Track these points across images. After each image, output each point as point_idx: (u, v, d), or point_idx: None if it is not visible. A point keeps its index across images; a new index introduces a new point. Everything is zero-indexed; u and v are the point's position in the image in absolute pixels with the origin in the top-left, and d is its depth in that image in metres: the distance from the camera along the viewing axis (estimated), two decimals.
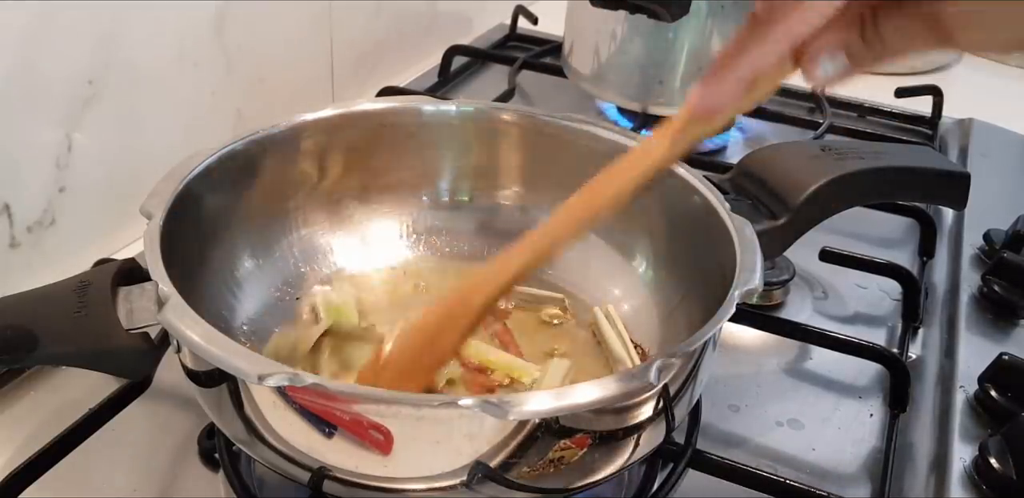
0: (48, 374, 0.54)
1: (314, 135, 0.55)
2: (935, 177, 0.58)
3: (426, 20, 0.99)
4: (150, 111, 0.65)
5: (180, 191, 0.46)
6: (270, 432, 0.39)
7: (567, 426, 0.37)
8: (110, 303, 0.40)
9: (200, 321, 0.37)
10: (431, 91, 0.89)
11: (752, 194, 0.54)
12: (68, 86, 0.59)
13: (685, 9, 0.74)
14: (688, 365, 0.41)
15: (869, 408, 0.57)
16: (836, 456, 0.53)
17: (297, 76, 0.80)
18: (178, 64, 0.66)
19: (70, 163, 0.60)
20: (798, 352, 0.61)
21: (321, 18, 0.81)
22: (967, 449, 0.52)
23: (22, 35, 0.54)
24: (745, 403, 0.56)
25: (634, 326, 0.54)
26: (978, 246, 0.72)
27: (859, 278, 0.68)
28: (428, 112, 0.57)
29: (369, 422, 0.36)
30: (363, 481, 0.39)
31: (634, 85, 0.81)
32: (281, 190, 0.55)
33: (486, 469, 0.37)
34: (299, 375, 0.34)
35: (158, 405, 0.52)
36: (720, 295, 0.42)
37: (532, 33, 1.05)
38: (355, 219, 0.58)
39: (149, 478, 0.48)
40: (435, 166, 0.59)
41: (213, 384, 0.40)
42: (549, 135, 0.57)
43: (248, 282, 0.53)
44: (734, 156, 0.85)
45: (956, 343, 0.61)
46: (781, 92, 0.90)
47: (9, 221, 0.57)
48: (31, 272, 0.59)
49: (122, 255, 0.63)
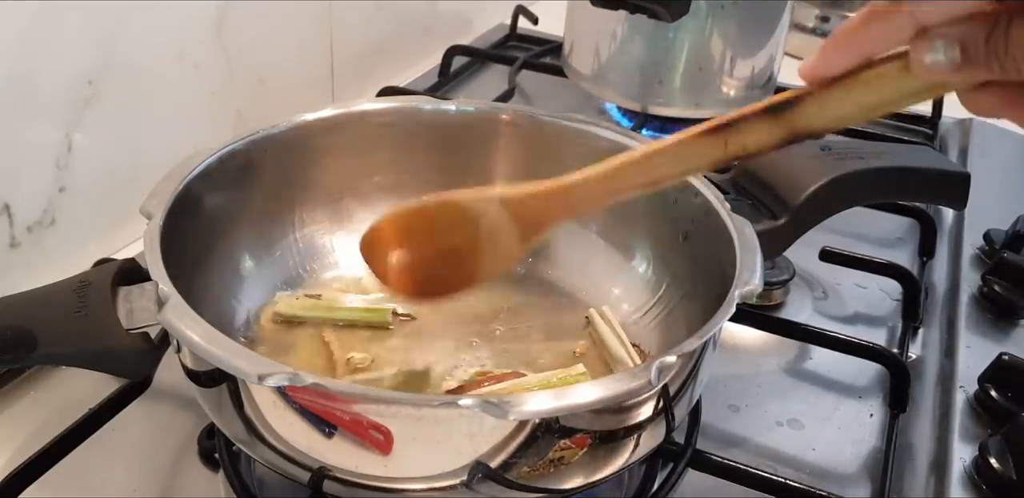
0: (48, 374, 0.54)
1: (314, 135, 0.55)
2: (935, 177, 0.58)
3: (426, 20, 0.99)
4: (150, 111, 0.65)
5: (180, 191, 0.46)
6: (270, 432, 0.39)
7: (567, 426, 0.37)
8: (110, 303, 0.40)
9: (200, 321, 0.37)
10: (431, 91, 0.89)
11: (752, 194, 0.54)
12: (68, 86, 0.59)
13: (685, 9, 0.74)
14: (688, 365, 0.41)
15: (869, 408, 0.57)
16: (836, 456, 0.53)
17: (297, 76, 0.80)
18: (178, 64, 0.66)
19: (70, 163, 0.60)
20: (798, 352, 0.61)
21: (321, 18, 0.81)
22: (967, 449, 0.52)
23: (22, 35, 0.54)
24: (745, 403, 0.56)
25: (634, 326, 0.54)
26: (978, 246, 0.72)
27: (859, 278, 0.68)
28: (428, 112, 0.57)
29: (369, 422, 0.36)
30: (363, 481, 0.39)
31: (634, 85, 0.81)
32: (281, 190, 0.55)
33: (486, 469, 0.37)
34: (299, 375, 0.34)
35: (158, 405, 0.52)
36: (720, 295, 0.42)
37: (532, 33, 1.05)
38: (355, 219, 0.58)
39: (149, 478, 0.48)
40: (435, 166, 0.59)
41: (213, 384, 0.40)
42: (549, 135, 0.57)
43: (248, 282, 0.53)
44: None
45: (956, 343, 0.61)
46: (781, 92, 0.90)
47: (9, 221, 0.57)
48: (31, 272, 0.59)
49: (122, 255, 0.63)
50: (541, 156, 0.58)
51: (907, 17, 0.30)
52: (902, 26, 0.31)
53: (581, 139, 0.56)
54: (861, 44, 0.32)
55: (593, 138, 0.56)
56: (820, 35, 1.07)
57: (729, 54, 0.79)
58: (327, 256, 0.57)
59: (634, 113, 0.84)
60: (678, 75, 0.79)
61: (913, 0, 0.30)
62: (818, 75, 0.33)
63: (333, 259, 0.58)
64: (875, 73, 0.32)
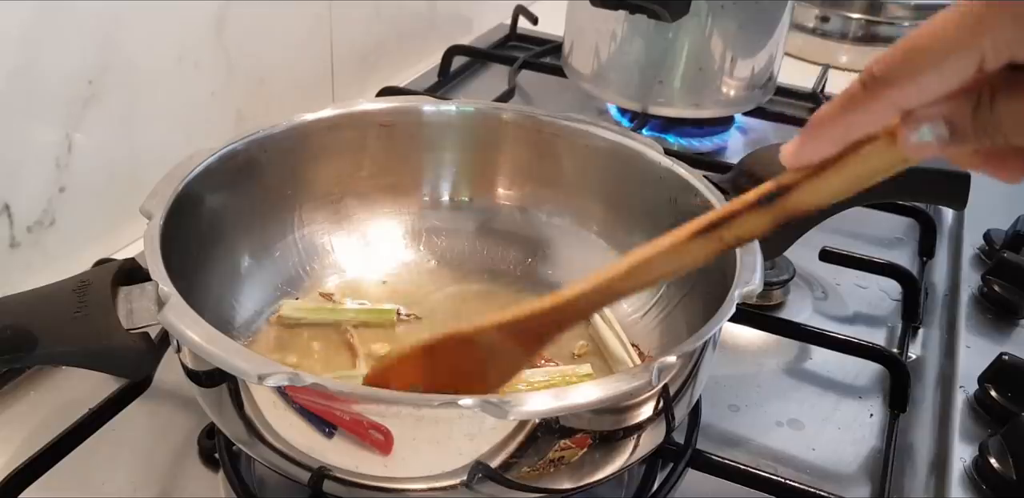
0: (48, 374, 0.54)
1: (314, 135, 0.55)
2: (935, 177, 0.58)
3: (426, 20, 0.99)
4: (150, 111, 0.65)
5: (180, 191, 0.46)
6: (270, 432, 0.39)
7: (567, 426, 0.37)
8: (110, 303, 0.40)
9: (200, 321, 0.37)
10: (431, 91, 0.89)
11: None
12: (68, 86, 0.59)
13: (685, 9, 0.74)
14: (688, 365, 0.41)
15: (869, 408, 0.57)
16: (836, 456, 0.53)
17: (297, 76, 0.80)
18: (178, 64, 0.66)
19: (70, 163, 0.60)
20: (798, 352, 0.61)
21: (321, 18, 0.81)
22: (967, 449, 0.52)
23: (22, 35, 0.54)
24: (745, 403, 0.56)
25: (634, 326, 0.54)
26: (978, 246, 0.72)
27: (859, 278, 0.68)
28: (428, 112, 0.57)
29: (369, 422, 0.36)
30: (363, 481, 0.39)
31: (634, 85, 0.81)
32: (281, 190, 0.55)
33: (486, 469, 0.37)
34: (299, 375, 0.34)
35: (158, 405, 0.52)
36: (720, 295, 0.42)
37: (532, 33, 1.05)
38: (355, 219, 0.58)
39: (149, 478, 0.48)
40: (435, 166, 0.59)
41: (213, 384, 0.40)
42: (549, 135, 0.57)
43: (248, 282, 0.53)
44: (734, 156, 0.85)
45: (956, 343, 0.61)
46: (781, 92, 0.90)
47: (9, 221, 0.57)
48: (31, 272, 0.59)
49: (122, 255, 0.63)
50: (541, 156, 0.58)
51: (886, 102, 0.30)
52: (883, 111, 0.30)
53: (581, 139, 0.56)
54: (841, 131, 0.31)
55: (593, 138, 0.56)
56: (820, 35, 1.07)
57: (729, 54, 0.79)
58: (327, 256, 0.57)
59: (634, 113, 0.84)
60: (678, 75, 0.79)
61: (890, 88, 0.29)
62: (801, 162, 0.33)
63: (333, 259, 0.58)
64: (862, 155, 0.32)
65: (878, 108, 0.30)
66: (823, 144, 0.32)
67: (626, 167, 0.55)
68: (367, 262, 0.58)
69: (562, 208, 0.59)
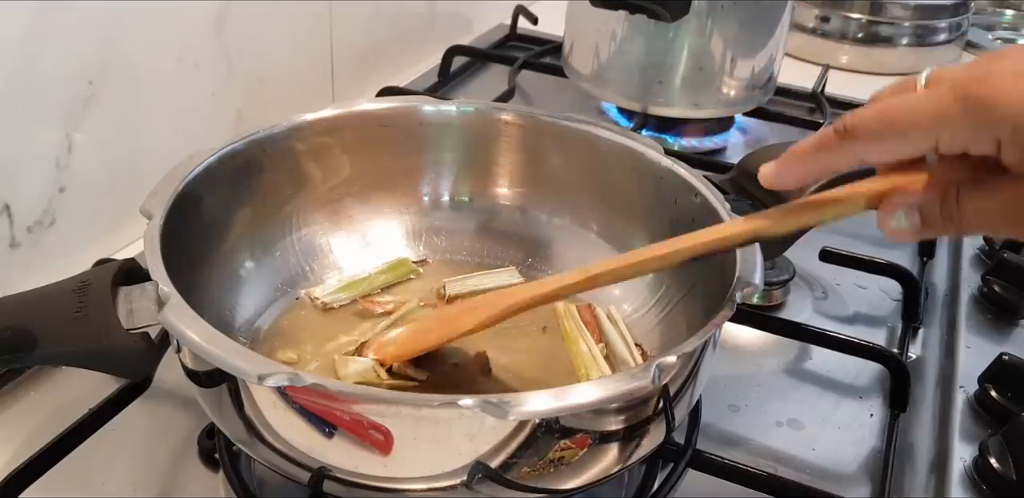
0: (48, 374, 0.54)
1: (314, 135, 0.55)
2: None
3: (426, 20, 0.99)
4: (150, 111, 0.65)
5: (180, 191, 0.46)
6: (270, 432, 0.39)
7: (567, 426, 0.37)
8: (110, 303, 0.40)
9: (200, 321, 0.37)
10: (431, 91, 0.89)
11: (752, 194, 0.54)
12: (68, 86, 0.59)
13: (685, 9, 0.74)
14: (688, 365, 0.41)
15: (869, 408, 0.57)
16: (836, 456, 0.53)
17: (297, 76, 0.80)
18: (178, 64, 0.66)
19: (70, 163, 0.60)
20: (798, 352, 0.61)
21: (321, 18, 0.81)
22: (967, 449, 0.52)
23: (22, 35, 0.54)
24: (745, 403, 0.56)
25: (634, 326, 0.54)
26: (978, 246, 0.72)
27: (859, 278, 0.68)
28: (428, 112, 0.57)
29: (369, 422, 0.36)
30: (363, 481, 0.39)
31: (634, 85, 0.81)
32: (281, 190, 0.55)
33: (486, 469, 0.37)
34: (299, 375, 0.34)
35: (158, 405, 0.52)
36: (720, 295, 0.42)
37: (532, 33, 1.05)
38: (355, 219, 0.58)
39: (149, 478, 0.48)
40: (435, 166, 0.59)
41: (213, 384, 0.40)
42: (549, 135, 0.57)
43: (248, 282, 0.53)
44: (734, 156, 0.85)
45: (956, 343, 0.61)
46: (781, 92, 0.90)
47: (9, 221, 0.57)
48: (31, 272, 0.59)
49: (122, 255, 0.63)
50: (541, 156, 0.58)
51: (851, 153, 0.35)
52: (848, 159, 0.35)
53: (581, 139, 0.56)
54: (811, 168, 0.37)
55: (593, 138, 0.56)
56: (820, 35, 1.07)
57: (729, 54, 0.79)
58: (326, 256, 0.57)
59: (634, 113, 0.84)
60: (678, 75, 0.79)
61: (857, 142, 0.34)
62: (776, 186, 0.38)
63: (332, 259, 0.58)
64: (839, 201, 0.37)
65: (844, 155, 0.35)
66: (795, 175, 0.37)
67: (626, 167, 0.55)
68: (367, 262, 0.58)
69: (562, 208, 0.59)
